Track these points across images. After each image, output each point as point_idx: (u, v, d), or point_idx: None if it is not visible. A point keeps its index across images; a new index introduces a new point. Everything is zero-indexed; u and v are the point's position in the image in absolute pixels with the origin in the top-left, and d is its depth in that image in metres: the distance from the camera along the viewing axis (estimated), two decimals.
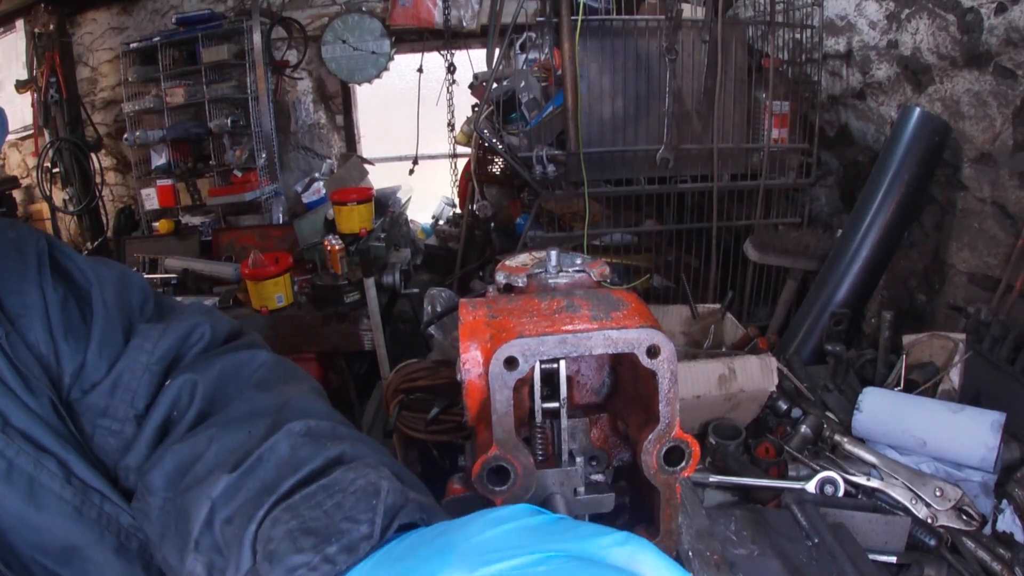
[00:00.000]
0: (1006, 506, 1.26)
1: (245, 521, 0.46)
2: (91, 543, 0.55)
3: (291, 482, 0.48)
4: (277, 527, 0.44)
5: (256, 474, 0.50)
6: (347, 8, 4.71)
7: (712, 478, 1.31)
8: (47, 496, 0.53)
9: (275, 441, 0.52)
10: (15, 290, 0.58)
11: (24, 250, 0.60)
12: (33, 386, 0.55)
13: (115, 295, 0.64)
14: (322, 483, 0.47)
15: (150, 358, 0.60)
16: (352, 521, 0.43)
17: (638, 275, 3.37)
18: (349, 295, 3.31)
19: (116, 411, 0.59)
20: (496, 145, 3.30)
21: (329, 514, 0.44)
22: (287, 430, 0.53)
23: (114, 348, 0.61)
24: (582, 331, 0.58)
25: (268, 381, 0.63)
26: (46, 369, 0.58)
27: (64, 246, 0.66)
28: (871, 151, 3.04)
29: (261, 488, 0.48)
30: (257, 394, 0.60)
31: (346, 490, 0.46)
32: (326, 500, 0.45)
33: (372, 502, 0.45)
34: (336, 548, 0.42)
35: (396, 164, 5.15)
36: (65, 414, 0.57)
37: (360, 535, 0.43)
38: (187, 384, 0.59)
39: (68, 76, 4.73)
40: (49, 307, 0.59)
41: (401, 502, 0.46)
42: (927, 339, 1.73)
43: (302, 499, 0.46)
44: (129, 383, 0.59)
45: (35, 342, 0.57)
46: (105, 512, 0.55)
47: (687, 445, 0.61)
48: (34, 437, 0.53)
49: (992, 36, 2.22)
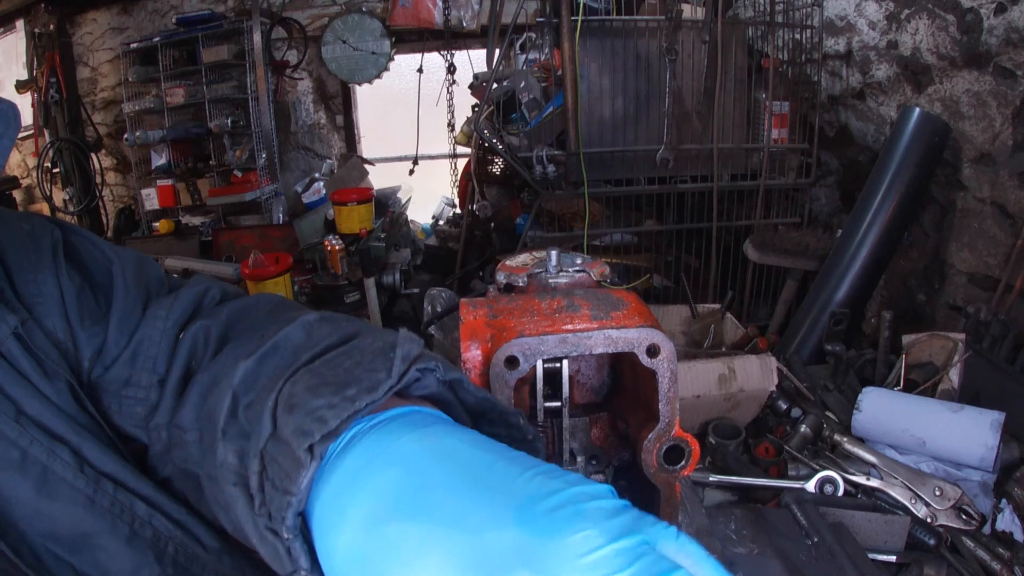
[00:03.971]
0: (1005, 505, 1.26)
1: (266, 394, 0.46)
2: (103, 531, 0.54)
3: (309, 354, 0.49)
4: (296, 385, 0.45)
5: (275, 356, 0.51)
6: (347, 8, 4.71)
7: (712, 477, 1.31)
8: (60, 485, 0.53)
9: (290, 330, 0.53)
10: (31, 279, 0.58)
11: (39, 241, 0.61)
12: (50, 371, 0.55)
13: (135, 272, 0.65)
14: (341, 349, 0.49)
15: (166, 323, 0.61)
16: (371, 370, 0.45)
17: (638, 275, 3.37)
18: (349, 295, 3.32)
19: (139, 379, 0.59)
20: (496, 145, 3.31)
21: (349, 370, 0.46)
22: (301, 321, 0.54)
23: (133, 322, 0.61)
24: (582, 331, 0.58)
25: (279, 310, 0.64)
26: (64, 355, 0.58)
27: (81, 230, 0.66)
28: (871, 151, 3.04)
29: (280, 367, 0.49)
30: (268, 320, 0.61)
31: (364, 351, 0.47)
32: (345, 360, 0.47)
33: (390, 355, 0.46)
34: (355, 390, 0.43)
35: (396, 164, 5.16)
36: (84, 396, 0.57)
37: (379, 378, 0.44)
38: (200, 330, 0.60)
39: (68, 76, 4.74)
40: (65, 295, 0.59)
41: (417, 352, 0.47)
42: (927, 339, 1.73)
43: (321, 363, 0.48)
44: (148, 350, 0.60)
45: (52, 329, 0.58)
46: (118, 500, 0.55)
47: (687, 444, 0.61)
48: (48, 425, 0.53)
49: (992, 36, 2.22)
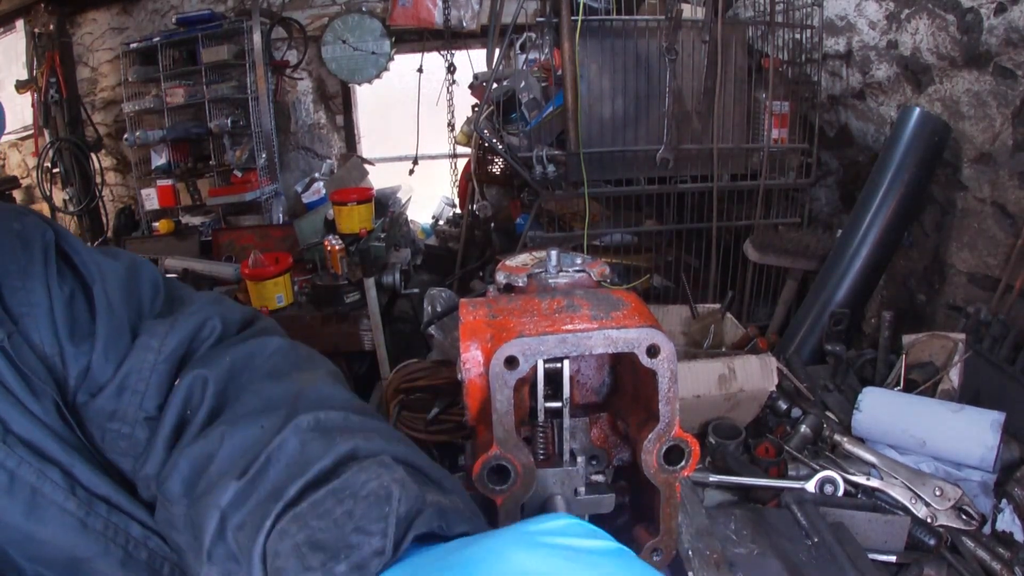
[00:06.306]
0: (1005, 505, 1.26)
1: (254, 532, 0.44)
2: (96, 555, 0.53)
3: (299, 485, 0.46)
4: (284, 541, 0.42)
5: (266, 477, 0.48)
6: (347, 8, 4.71)
7: (712, 478, 1.31)
8: (50, 508, 0.51)
9: (284, 438, 0.49)
10: (19, 287, 0.55)
11: (30, 244, 0.57)
12: (37, 389, 0.53)
13: (122, 290, 0.61)
14: (331, 487, 0.45)
15: (157, 357, 0.58)
16: (363, 533, 0.41)
17: (638, 275, 3.37)
18: (349, 295, 3.31)
19: (125, 414, 0.56)
20: (496, 145, 3.31)
21: (339, 524, 0.42)
22: (295, 425, 0.50)
23: (121, 348, 0.58)
24: (582, 331, 0.58)
25: (281, 369, 0.60)
26: (51, 370, 0.55)
27: (71, 238, 0.63)
28: (871, 151, 3.04)
29: (270, 493, 0.46)
30: (269, 384, 0.57)
31: (357, 495, 0.43)
32: (335, 507, 0.43)
33: (384, 509, 0.42)
34: (345, 567, 0.39)
35: (396, 164, 5.15)
36: (71, 418, 0.55)
37: (371, 550, 0.40)
38: (197, 381, 0.57)
39: (68, 76, 4.73)
40: (55, 305, 0.56)
41: (417, 508, 0.43)
42: (927, 339, 1.73)
43: (310, 506, 0.44)
44: (136, 385, 0.57)
45: (39, 343, 0.55)
46: (112, 523, 0.53)
47: (687, 444, 0.61)
48: (37, 445, 0.51)
49: (992, 36, 2.22)
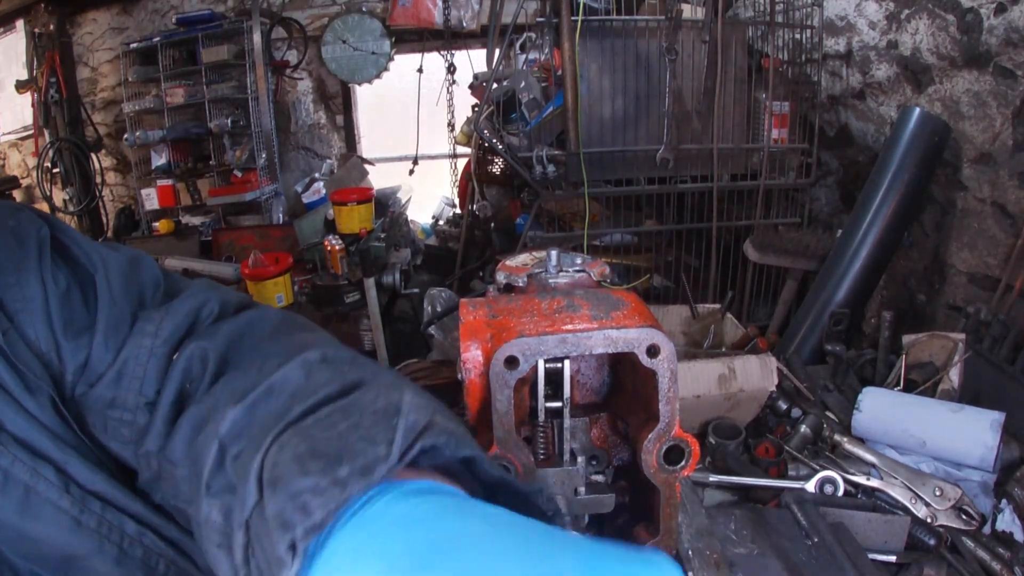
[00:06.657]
0: (1005, 505, 1.26)
1: (252, 451, 0.41)
2: (90, 553, 0.52)
3: (303, 407, 0.43)
4: (284, 451, 0.40)
5: (266, 405, 0.46)
6: (347, 8, 4.71)
7: (712, 478, 1.31)
8: (44, 506, 0.50)
9: (288, 370, 0.48)
10: (13, 283, 0.54)
11: (24, 240, 0.56)
12: (32, 385, 0.52)
13: (123, 280, 0.60)
14: (338, 404, 0.43)
15: (155, 341, 0.56)
16: (368, 441, 0.38)
17: (638, 275, 3.37)
18: (349, 295, 3.31)
19: (125, 401, 0.55)
20: (496, 145, 3.31)
21: (343, 436, 0.39)
22: (302, 359, 0.49)
23: (121, 337, 0.57)
24: (582, 331, 0.58)
25: (282, 332, 0.58)
26: (47, 366, 0.55)
27: (70, 230, 0.61)
28: (871, 151, 3.04)
29: (272, 417, 0.44)
30: (271, 344, 0.56)
31: (364, 410, 0.41)
32: (341, 421, 0.41)
33: (392, 422, 0.40)
34: (348, 470, 0.37)
35: (396, 164, 5.16)
36: (67, 413, 0.54)
37: (376, 456, 0.38)
38: (197, 351, 0.55)
39: (68, 76, 4.73)
40: (50, 300, 0.55)
41: (425, 422, 0.41)
42: (927, 339, 1.73)
43: (314, 422, 0.42)
44: (135, 370, 0.55)
45: (35, 339, 0.54)
46: (106, 520, 0.53)
47: (687, 444, 0.61)
48: (31, 443, 0.51)
49: (992, 36, 2.22)
